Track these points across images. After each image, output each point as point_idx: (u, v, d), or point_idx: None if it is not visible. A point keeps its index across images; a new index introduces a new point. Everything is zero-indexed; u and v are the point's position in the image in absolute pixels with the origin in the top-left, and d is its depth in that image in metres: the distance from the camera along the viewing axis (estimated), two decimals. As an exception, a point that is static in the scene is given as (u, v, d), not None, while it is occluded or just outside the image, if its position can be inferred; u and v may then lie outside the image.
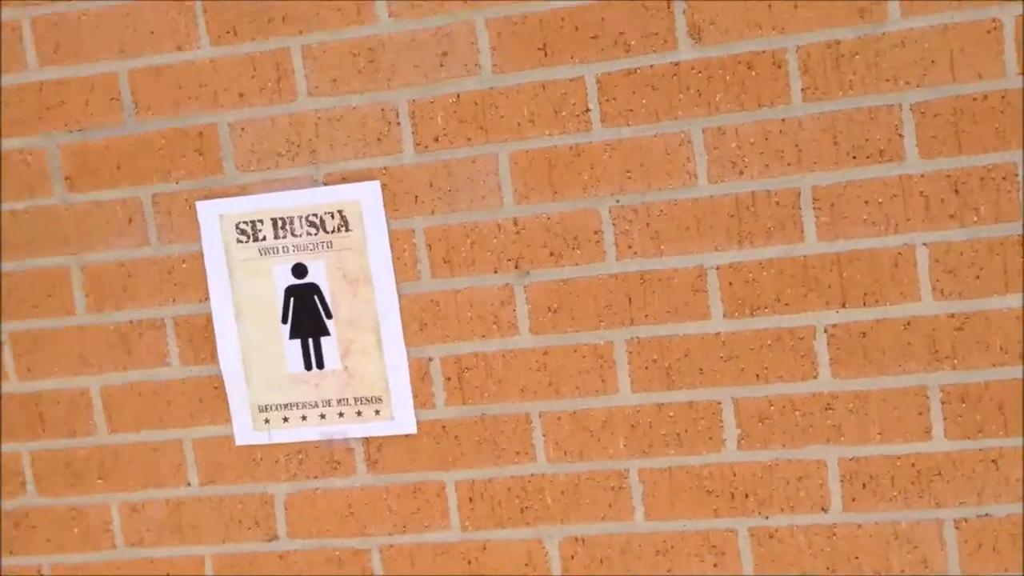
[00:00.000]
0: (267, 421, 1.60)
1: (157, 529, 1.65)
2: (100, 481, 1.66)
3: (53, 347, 1.65)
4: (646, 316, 1.47)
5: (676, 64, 1.42)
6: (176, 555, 1.65)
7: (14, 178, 1.62)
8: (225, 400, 1.60)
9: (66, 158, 1.60)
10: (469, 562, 1.56)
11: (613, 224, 1.46)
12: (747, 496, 1.46)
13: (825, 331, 1.42)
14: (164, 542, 1.66)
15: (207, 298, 1.59)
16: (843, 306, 1.41)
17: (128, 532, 1.66)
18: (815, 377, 1.43)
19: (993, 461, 1.39)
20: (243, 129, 1.54)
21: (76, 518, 1.68)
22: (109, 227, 1.60)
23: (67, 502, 1.68)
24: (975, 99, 1.34)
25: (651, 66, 1.42)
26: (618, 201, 1.45)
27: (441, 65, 1.47)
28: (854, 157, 1.39)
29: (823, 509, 1.44)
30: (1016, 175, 1.34)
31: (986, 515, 1.40)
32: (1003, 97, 1.33)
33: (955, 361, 1.39)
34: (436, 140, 1.49)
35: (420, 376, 1.54)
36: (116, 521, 1.67)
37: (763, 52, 1.39)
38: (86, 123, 1.58)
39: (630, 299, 1.47)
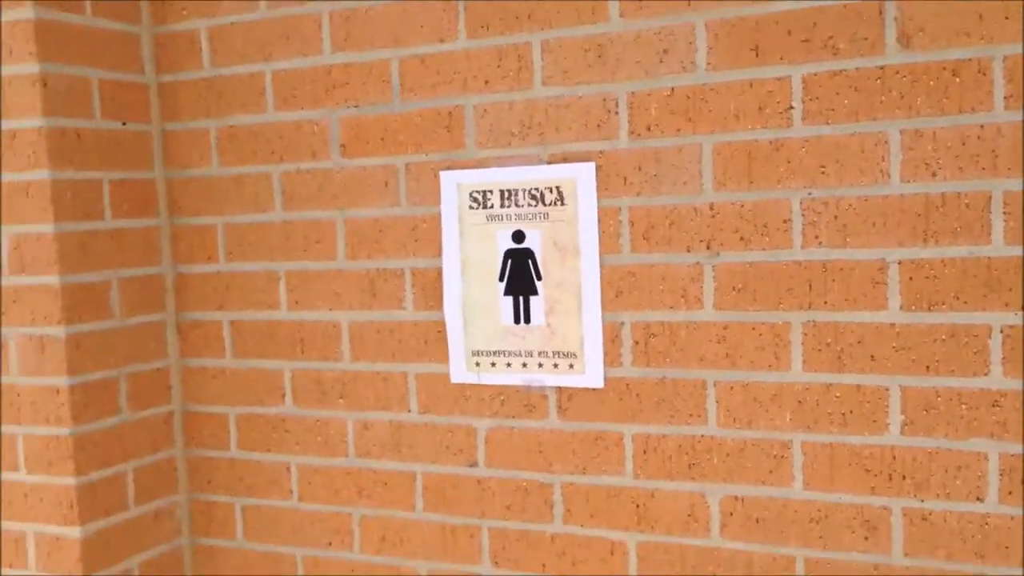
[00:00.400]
0: (478, 364, 1.83)
1: (380, 444, 1.93)
2: (341, 400, 1.97)
3: (317, 285, 1.98)
4: (825, 302, 1.56)
5: (882, 68, 1.51)
6: (392, 468, 1.93)
7: (301, 143, 1.96)
8: (445, 343, 1.86)
9: (343, 129, 1.92)
10: (637, 506, 1.72)
11: (802, 215, 1.57)
12: (904, 478, 1.52)
13: (1001, 331, 1.46)
14: (385, 456, 1.93)
15: (440, 254, 1.85)
16: (1022, 308, 1.44)
17: (358, 444, 1.96)
18: (986, 374, 1.47)
19: None
20: (485, 111, 1.79)
21: (319, 428, 2.00)
22: (370, 188, 1.90)
23: (314, 414, 2.00)
24: None
25: (856, 68, 1.52)
26: (810, 194, 1.57)
27: (661, 61, 1.65)
28: (1047, 166, 1.42)
29: (979, 499, 1.48)
30: None
31: None
32: None
33: None
34: (648, 129, 1.67)
35: (612, 338, 1.72)
36: (350, 434, 1.97)
37: (970, 60, 1.46)
38: (362, 100, 1.89)
39: (811, 285, 1.57)
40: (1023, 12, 1.41)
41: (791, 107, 1.56)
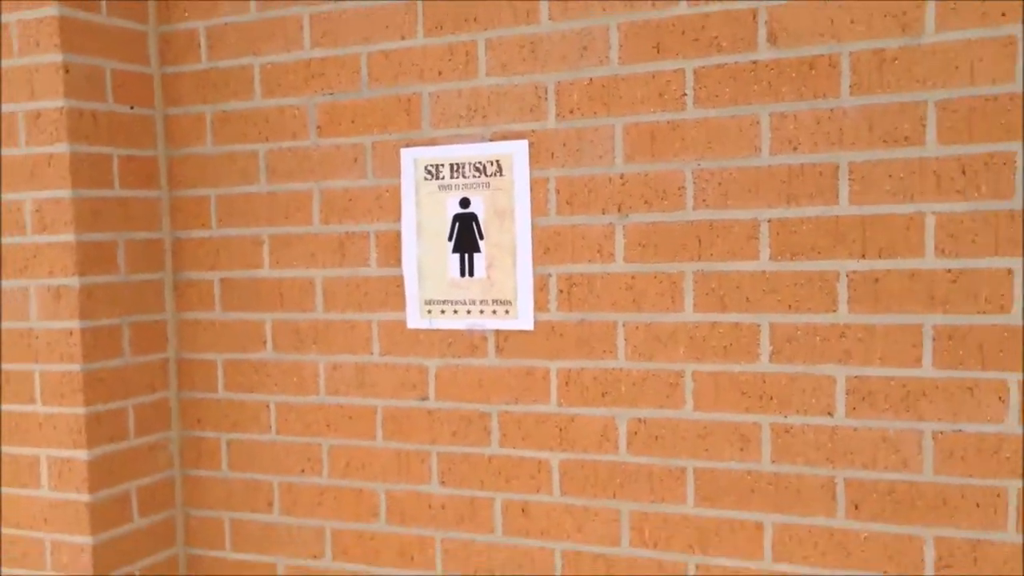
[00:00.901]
0: (430, 312, 2.14)
1: (347, 383, 2.24)
2: (314, 345, 2.27)
3: (295, 247, 2.28)
4: (711, 255, 1.88)
5: (755, 62, 1.83)
6: (357, 404, 2.23)
7: (283, 125, 2.27)
8: (403, 294, 2.16)
9: (320, 113, 2.23)
10: (560, 429, 2.02)
11: (694, 183, 1.89)
12: (772, 399, 1.83)
13: (847, 275, 1.77)
14: (351, 393, 2.24)
15: (399, 219, 2.16)
16: (863, 257, 1.76)
17: (328, 384, 2.26)
18: (835, 311, 1.78)
19: (969, 388, 1.69)
20: (438, 97, 2.10)
21: (295, 370, 2.30)
22: (341, 163, 2.22)
23: (291, 358, 2.30)
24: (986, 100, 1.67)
25: (735, 62, 1.85)
26: (699, 165, 1.88)
27: (581, 56, 1.97)
28: (884, 140, 1.74)
29: (829, 414, 1.79)
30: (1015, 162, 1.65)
31: (959, 431, 1.69)
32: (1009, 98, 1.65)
33: (947, 307, 1.70)
34: (571, 112, 1.99)
35: (540, 287, 2.03)
36: (321, 376, 2.27)
37: (822, 55, 1.78)
38: (335, 88, 2.21)
39: (700, 240, 1.89)
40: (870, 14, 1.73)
41: (685, 94, 1.88)
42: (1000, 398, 1.68)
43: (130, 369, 2.30)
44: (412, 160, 2.13)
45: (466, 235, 2.09)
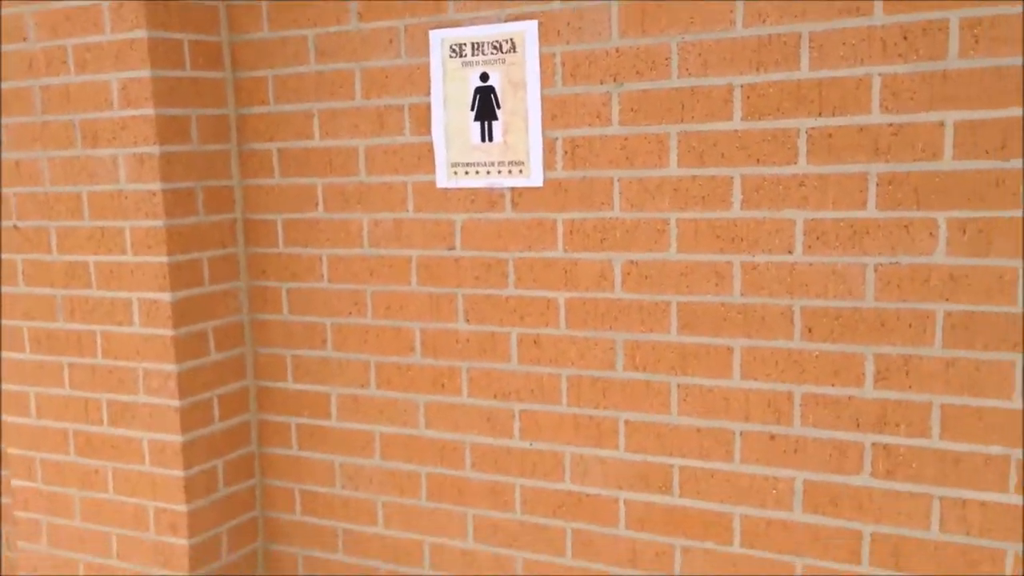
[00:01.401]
0: (455, 173, 2.46)
1: (387, 237, 2.59)
2: (358, 204, 2.62)
3: (341, 120, 2.61)
4: (692, 117, 2.16)
5: (733, -52, 2.07)
6: (395, 254, 2.58)
7: (328, 12, 2.57)
8: (433, 159, 2.48)
9: (360, 1, 2.52)
10: (566, 272, 2.35)
11: (678, 54, 2.16)
12: (742, 240, 2.13)
13: (806, 132, 2.04)
14: (390, 245, 2.59)
15: (428, 93, 2.46)
16: (819, 115, 2.02)
17: (371, 238, 2.61)
18: (795, 163, 2.06)
19: (905, 227, 1.96)
20: (461, -16, 2.38)
21: (343, 227, 2.65)
22: (379, 45, 2.51)
23: (339, 216, 2.65)
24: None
25: (716, -51, 2.09)
26: (683, 38, 2.14)
27: (583, -55, 2.23)
28: (839, 12, 1.98)
29: (789, 252, 2.08)
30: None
31: (896, 263, 1.98)
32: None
33: (888, 156, 1.97)
34: (575, -5, 2.25)
35: (549, 149, 2.33)
36: (365, 231, 2.62)
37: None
38: (373, -21, 2.50)
39: (683, 105, 2.16)
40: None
41: (673, -24, 2.13)
42: (931, 233, 1.95)
43: (204, 226, 2.67)
44: (440, 40, 2.42)
45: (486, 105, 2.39)
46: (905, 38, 1.92)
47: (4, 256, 2.82)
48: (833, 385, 2.10)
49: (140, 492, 2.71)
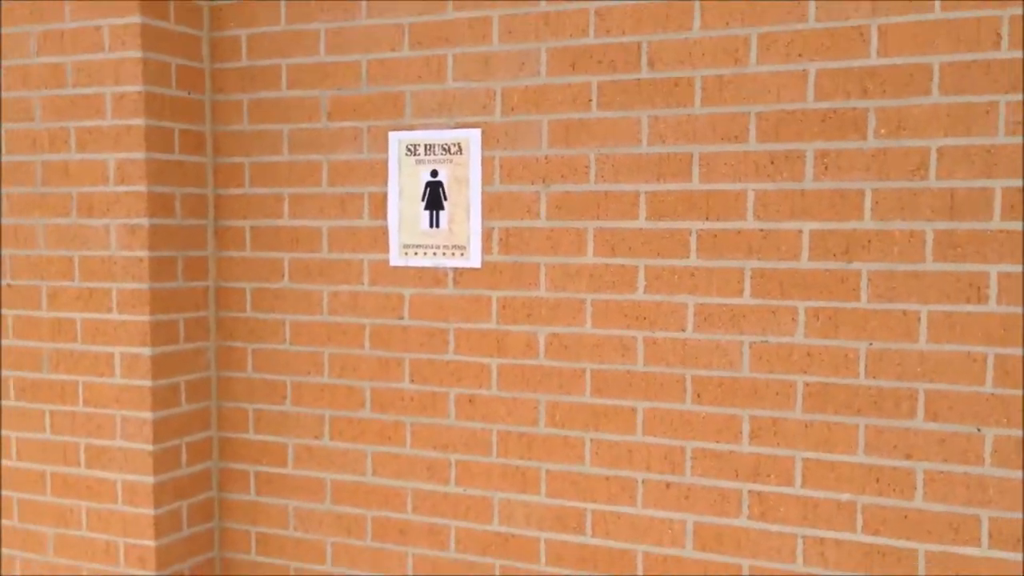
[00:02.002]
0: (406, 253, 2.83)
1: (344, 306, 2.93)
2: (320, 277, 2.95)
3: (307, 203, 2.96)
4: (607, 215, 2.57)
5: (639, 80, 2.51)
6: (351, 321, 2.92)
7: (302, 111, 2.94)
8: (387, 240, 2.85)
9: (330, 103, 2.91)
10: (498, 341, 2.71)
11: (596, 163, 2.58)
12: (645, 319, 2.53)
13: (696, 232, 2.47)
14: (347, 314, 2.93)
15: (386, 184, 2.84)
16: (707, 219, 2.45)
17: (330, 306, 2.94)
18: (687, 257, 2.48)
19: (773, 312, 2.39)
20: (417, 95, 2.78)
21: (305, 297, 2.98)
22: (345, 141, 2.89)
23: (302, 287, 2.99)
24: None
25: (624, 79, 2.53)
26: (600, 151, 2.57)
27: (520, 69, 2.65)
28: (723, 138, 2.43)
29: (682, 329, 2.49)
30: None
31: (765, 341, 2.40)
32: None
33: (760, 255, 2.40)
34: (512, 110, 2.66)
35: (487, 237, 2.71)
36: (324, 301, 2.95)
37: (682, 78, 2.46)
38: (343, 85, 2.88)
39: (599, 205, 2.57)
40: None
41: (590, 99, 2.56)
42: (792, 318, 2.38)
43: (182, 291, 2.99)
44: (397, 141, 2.81)
45: (434, 197, 2.78)
46: (772, 162, 2.37)
47: (-5, 311, 3.09)
48: (717, 441, 2.48)
49: (112, 529, 2.96)
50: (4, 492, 3.12)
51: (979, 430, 2.24)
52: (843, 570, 2.38)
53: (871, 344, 2.32)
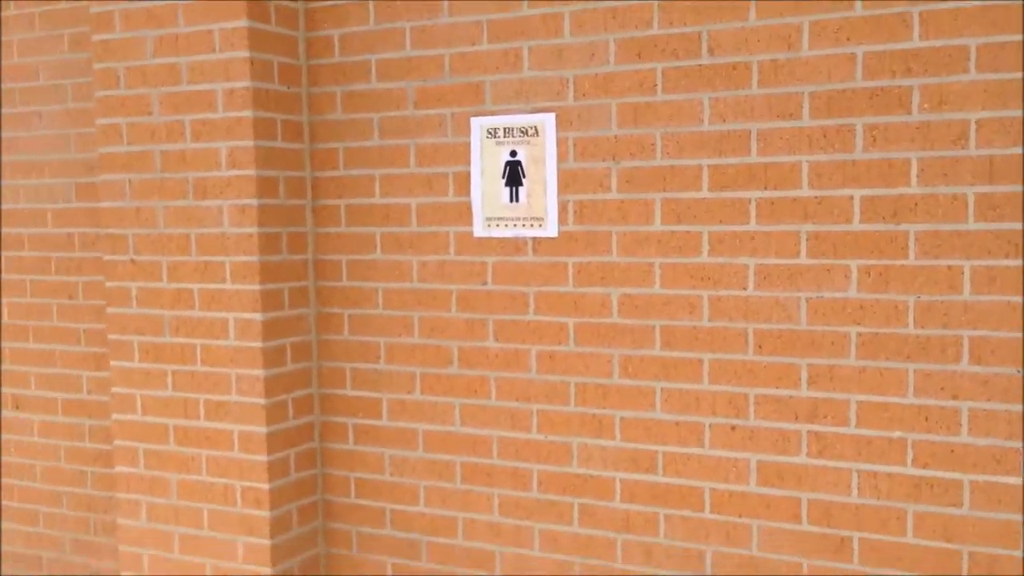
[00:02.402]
0: (489, 225, 3.09)
1: (431, 274, 3.20)
2: (409, 248, 3.23)
3: (397, 183, 3.23)
4: (672, 187, 2.81)
5: (700, 65, 2.75)
6: (439, 288, 3.19)
7: (391, 100, 3.21)
8: (471, 214, 3.11)
9: (416, 93, 3.17)
10: (574, 302, 2.97)
11: (661, 141, 2.82)
12: (709, 279, 2.78)
13: (755, 201, 2.70)
14: (435, 281, 3.20)
15: (469, 164, 3.10)
16: (765, 189, 2.69)
17: (419, 275, 3.22)
18: (748, 223, 2.71)
19: (828, 270, 2.62)
20: (496, 84, 3.03)
21: (396, 267, 3.26)
22: (430, 127, 3.16)
23: (393, 258, 3.27)
24: None
25: (687, 65, 2.76)
26: (666, 130, 2.81)
27: (591, 59, 2.89)
28: (779, 116, 2.66)
29: (744, 288, 2.74)
30: None
31: (821, 296, 2.64)
32: None
33: (815, 219, 2.64)
34: (584, 95, 2.91)
35: (562, 209, 2.97)
36: (414, 269, 3.23)
37: (738, 62, 2.69)
38: (428, 77, 3.14)
39: (664, 178, 2.82)
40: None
41: (655, 85, 2.80)
42: (846, 276, 2.61)
43: (286, 263, 3.28)
44: (479, 125, 3.07)
45: (513, 174, 3.04)
46: (824, 136, 2.60)
47: (118, 284, 3.41)
48: (777, 387, 2.73)
49: (229, 474, 3.28)
50: (131, 443, 3.46)
51: (1018, 371, 2.46)
52: (894, 500, 2.62)
53: (919, 297, 2.55)
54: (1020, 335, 2.45)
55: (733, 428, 2.80)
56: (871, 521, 2.65)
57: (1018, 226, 2.43)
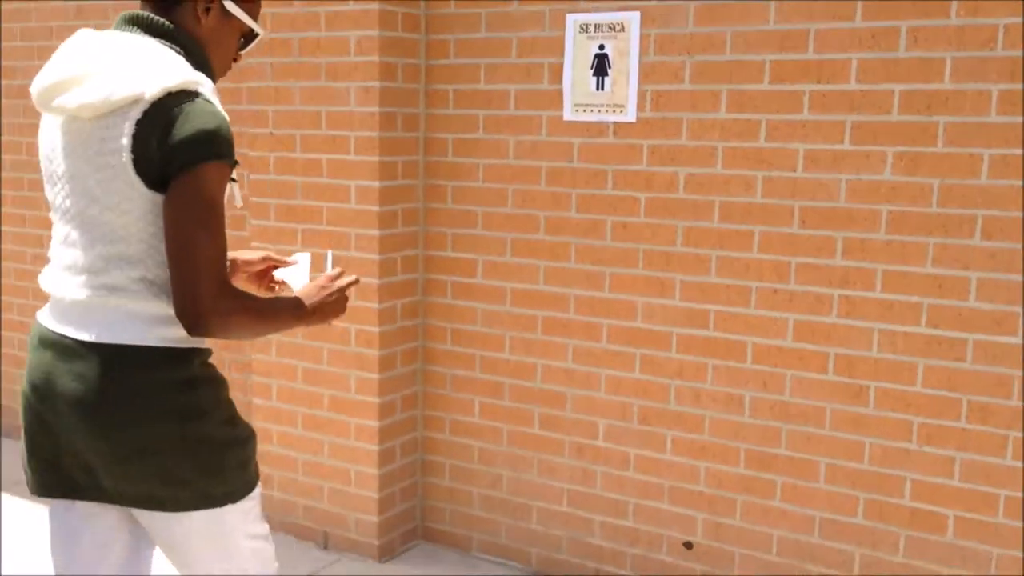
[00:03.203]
0: (577, 110, 3.61)
1: (526, 152, 3.75)
2: (507, 129, 3.78)
3: (499, 71, 3.76)
4: (737, 80, 3.27)
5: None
6: (530, 164, 3.75)
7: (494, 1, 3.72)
8: (562, 100, 3.63)
9: (518, -9, 3.67)
10: (647, 179, 3.49)
11: (731, 39, 3.27)
12: (764, 161, 3.26)
13: (809, 93, 3.15)
14: (528, 158, 3.75)
15: (563, 56, 3.61)
16: (818, 82, 3.13)
17: (515, 151, 3.78)
18: (801, 113, 3.17)
19: (866, 156, 3.07)
20: (590, -16, 3.52)
21: (495, 145, 3.82)
22: (531, 22, 3.66)
23: (493, 137, 3.82)
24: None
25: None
26: (735, 28, 3.25)
27: (674, -36, 3.34)
28: (834, 17, 3.08)
29: (793, 170, 3.21)
30: None
31: (859, 179, 3.10)
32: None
33: (859, 111, 3.08)
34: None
35: (642, 97, 3.46)
36: (511, 147, 3.79)
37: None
38: (529, -23, 3.64)
39: (731, 72, 3.28)
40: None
41: (731, -12, 3.24)
42: (882, 160, 3.06)
43: (400, 140, 3.87)
44: (573, 21, 3.57)
45: (601, 66, 3.54)
46: (873, 37, 3.02)
47: (259, 154, 4.06)
48: (816, 257, 3.22)
49: (346, 317, 3.95)
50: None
51: (1019, 246, 2.90)
52: (908, 355, 3.11)
53: (943, 180, 2.99)
54: (1020, 215, 2.88)
55: (775, 291, 3.31)
56: (887, 372, 3.15)
57: (1035, 120, 2.84)
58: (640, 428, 3.62)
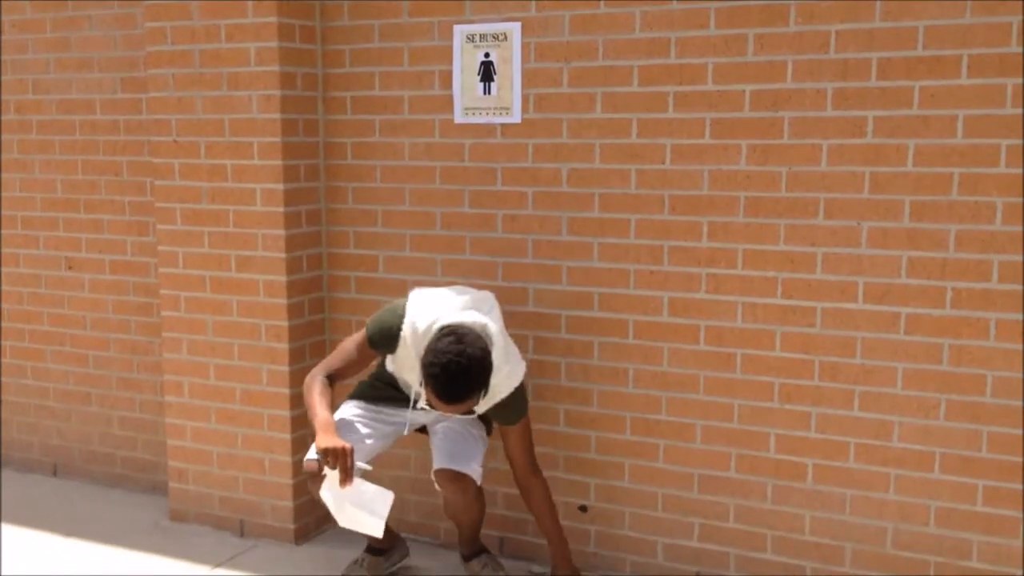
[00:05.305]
0: (466, 114, 3.86)
1: (419, 153, 3.97)
2: (402, 132, 4.00)
3: (393, 79, 3.97)
4: (610, 83, 3.59)
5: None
6: (425, 164, 3.97)
7: (387, 11, 3.93)
8: (452, 105, 3.88)
9: (410, 6, 3.89)
10: (532, 175, 3.77)
11: (603, 47, 3.58)
12: (637, 157, 3.58)
13: (672, 95, 3.49)
14: (422, 159, 3.98)
15: (451, 63, 3.85)
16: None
17: (410, 153, 4.00)
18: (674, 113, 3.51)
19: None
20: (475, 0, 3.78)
21: (391, 147, 4.03)
22: (422, 33, 3.89)
23: (389, 140, 4.03)
24: None
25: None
26: (606, 37, 3.57)
27: (549, -22, 3.63)
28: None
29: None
30: None
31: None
32: None
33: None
34: (544, 9, 3.65)
35: (525, 100, 3.73)
36: (406, 150, 4.01)
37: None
38: (417, -10, 3.87)
39: (605, 76, 3.60)
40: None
41: (599, 1, 3.55)
42: (738, 152, 3.42)
43: (301, 144, 4.04)
44: (460, 31, 3.82)
45: (487, 72, 3.80)
46: (726, 43, 3.37)
47: (163, 160, 4.18)
48: (685, 240, 3.56)
49: (255, 315, 4.10)
50: (174, 292, 4.27)
51: (858, 224, 3.30)
52: (766, 324, 3.48)
53: (790, 168, 3.36)
54: (863, 196, 3.27)
55: (651, 273, 3.64)
56: (750, 340, 3.51)
57: (864, 114, 3.23)
58: (536, 404, 3.90)
